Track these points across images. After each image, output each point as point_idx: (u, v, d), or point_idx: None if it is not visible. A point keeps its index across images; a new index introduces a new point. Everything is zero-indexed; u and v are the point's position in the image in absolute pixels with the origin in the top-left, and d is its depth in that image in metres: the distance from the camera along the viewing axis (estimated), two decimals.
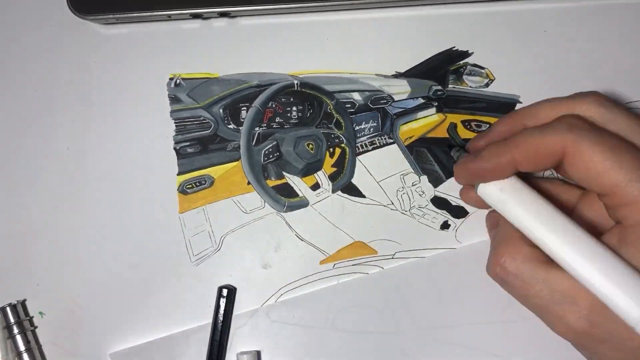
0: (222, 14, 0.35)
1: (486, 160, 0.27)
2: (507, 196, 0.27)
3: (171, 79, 0.35)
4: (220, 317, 0.32)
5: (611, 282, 0.23)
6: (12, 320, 0.32)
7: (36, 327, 0.33)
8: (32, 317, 0.33)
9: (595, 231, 0.27)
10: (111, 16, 0.34)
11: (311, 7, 0.34)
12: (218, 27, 0.35)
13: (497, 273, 0.27)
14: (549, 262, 0.25)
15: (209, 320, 0.33)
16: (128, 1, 0.34)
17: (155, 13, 0.34)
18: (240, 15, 0.35)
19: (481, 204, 0.29)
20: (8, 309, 0.32)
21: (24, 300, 0.33)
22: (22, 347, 0.32)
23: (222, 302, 0.32)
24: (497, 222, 0.29)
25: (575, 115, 0.27)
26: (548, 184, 0.31)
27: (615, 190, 0.24)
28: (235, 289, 0.33)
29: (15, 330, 0.32)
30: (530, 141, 0.26)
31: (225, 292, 0.32)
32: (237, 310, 0.33)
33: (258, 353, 0.33)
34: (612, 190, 0.24)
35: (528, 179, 0.29)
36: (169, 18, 0.35)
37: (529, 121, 0.28)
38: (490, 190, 0.27)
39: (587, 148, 0.25)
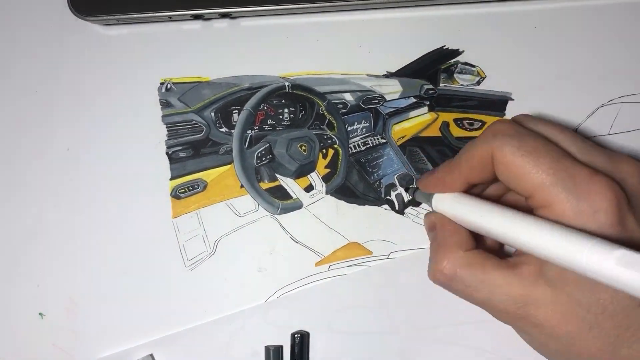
0: (224, 15, 0.34)
1: (440, 173, 0.29)
2: (461, 204, 0.28)
3: (162, 83, 0.35)
4: None
5: (567, 246, 0.22)
6: None
7: None
8: None
9: None
10: (112, 17, 0.34)
11: (313, 7, 0.34)
12: (219, 28, 0.35)
13: (438, 278, 0.28)
14: (482, 264, 0.27)
15: (202, 324, 0.33)
16: (128, 2, 0.34)
17: (156, 14, 0.34)
18: (242, 16, 0.35)
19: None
20: None
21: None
22: None
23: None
24: (434, 225, 0.30)
25: (502, 120, 0.28)
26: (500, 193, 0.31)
27: (534, 193, 0.25)
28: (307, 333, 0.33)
29: None
30: (467, 154, 0.27)
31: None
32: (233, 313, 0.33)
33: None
34: (532, 193, 0.25)
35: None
36: (170, 19, 0.35)
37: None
38: (444, 200, 0.29)
39: (508, 153, 0.25)
